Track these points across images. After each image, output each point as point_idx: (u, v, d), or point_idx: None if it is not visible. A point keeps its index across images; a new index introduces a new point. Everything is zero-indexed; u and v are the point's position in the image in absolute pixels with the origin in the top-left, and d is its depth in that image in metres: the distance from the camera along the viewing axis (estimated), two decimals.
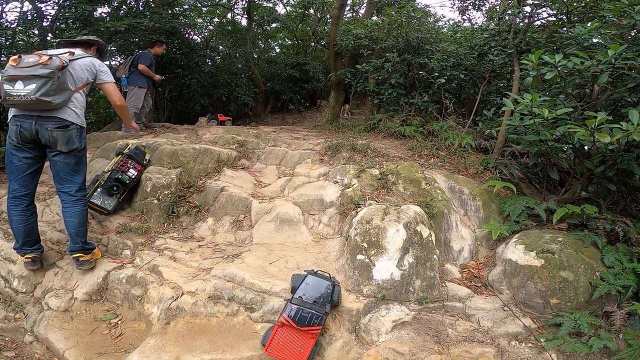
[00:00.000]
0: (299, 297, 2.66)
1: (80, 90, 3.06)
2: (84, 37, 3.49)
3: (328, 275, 2.90)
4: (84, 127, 3.08)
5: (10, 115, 2.92)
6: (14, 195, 2.99)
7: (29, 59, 2.73)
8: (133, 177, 3.88)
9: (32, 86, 2.65)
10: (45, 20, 6.06)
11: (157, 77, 6.02)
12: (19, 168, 2.95)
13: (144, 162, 4.13)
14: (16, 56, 2.76)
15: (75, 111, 2.99)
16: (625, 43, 3.31)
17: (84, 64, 3.07)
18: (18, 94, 2.65)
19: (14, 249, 3.14)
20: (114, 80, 3.28)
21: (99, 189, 3.70)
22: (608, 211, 3.50)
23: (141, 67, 5.72)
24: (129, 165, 3.91)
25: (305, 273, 2.85)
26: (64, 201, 3.07)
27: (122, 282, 3.11)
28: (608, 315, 2.80)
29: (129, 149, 4.08)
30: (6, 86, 2.68)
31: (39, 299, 3.12)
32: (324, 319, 2.59)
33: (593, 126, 2.83)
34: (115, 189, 3.76)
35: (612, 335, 2.63)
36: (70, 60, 2.92)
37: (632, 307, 2.73)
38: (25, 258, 3.10)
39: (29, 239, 3.07)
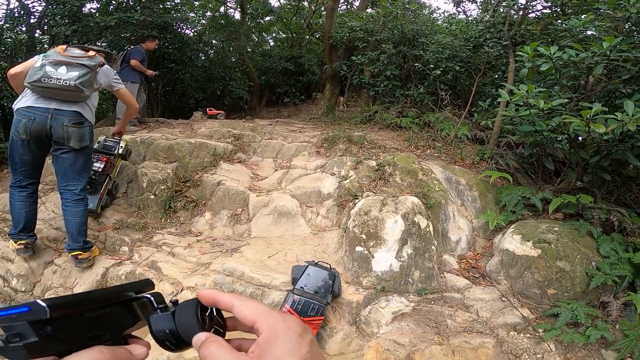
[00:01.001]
0: (301, 287, 2.67)
1: (95, 92, 3.21)
2: (97, 47, 3.63)
3: (328, 266, 2.91)
4: (93, 124, 3.16)
5: (20, 106, 2.88)
6: (19, 184, 3.04)
7: (75, 50, 2.99)
8: (99, 170, 3.70)
9: (75, 73, 2.83)
10: (32, 17, 5.94)
11: (150, 72, 5.93)
12: (23, 161, 2.98)
13: (117, 152, 3.89)
14: (64, 45, 3.01)
15: (91, 108, 3.11)
16: (619, 35, 3.32)
17: (105, 70, 3.23)
18: (59, 77, 2.79)
19: (10, 234, 3.15)
20: (124, 86, 3.47)
21: None
22: (603, 201, 3.53)
23: (133, 62, 5.64)
24: (93, 159, 3.62)
25: (306, 264, 2.86)
26: (66, 199, 3.06)
27: (121, 279, 3.10)
28: (604, 305, 2.84)
29: (98, 142, 3.89)
30: (48, 68, 2.79)
31: (39, 298, 3.10)
32: (326, 309, 2.61)
33: (588, 117, 2.84)
34: (88, 187, 3.54)
35: (609, 326, 2.66)
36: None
37: (627, 298, 2.77)
38: (19, 244, 3.10)
39: (28, 226, 3.10)
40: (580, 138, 3.87)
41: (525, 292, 3.00)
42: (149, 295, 0.53)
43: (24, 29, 6.15)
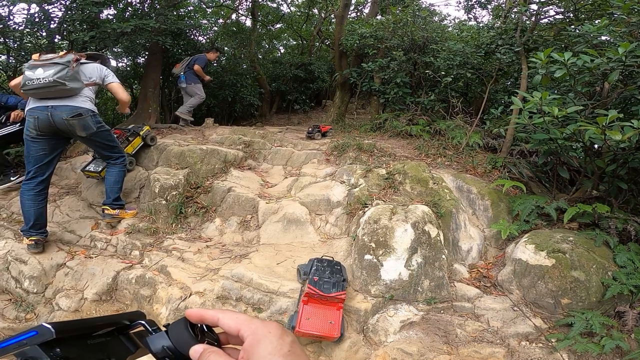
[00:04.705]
0: (313, 275, 2.77)
1: (90, 87, 3.45)
2: (90, 52, 4.02)
3: (331, 257, 3.03)
4: (96, 112, 3.43)
5: (27, 109, 3.22)
6: (31, 180, 3.27)
7: (48, 55, 3.25)
8: None
9: (51, 71, 3.09)
10: (52, 22, 6.08)
11: (207, 77, 6.95)
12: (36, 158, 3.25)
13: (137, 132, 4.61)
14: (38, 54, 3.26)
15: (90, 100, 3.37)
16: (635, 41, 3.27)
17: (94, 66, 3.53)
18: (38, 77, 3.07)
19: (21, 230, 3.34)
20: (118, 81, 3.67)
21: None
22: (619, 210, 3.45)
23: (196, 67, 6.68)
24: None
25: (310, 261, 2.97)
26: (107, 165, 3.78)
27: (132, 283, 3.13)
28: (620, 315, 2.77)
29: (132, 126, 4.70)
30: (27, 73, 3.10)
31: (50, 300, 3.15)
32: (345, 285, 2.74)
33: (604, 124, 2.79)
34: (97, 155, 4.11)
35: (624, 335, 2.60)
36: (80, 63, 3.38)
37: None
38: (30, 240, 3.29)
39: (38, 222, 3.30)
40: (595, 146, 3.79)
41: (538, 302, 2.94)
42: (143, 322, 0.58)
43: (44, 34, 6.30)
